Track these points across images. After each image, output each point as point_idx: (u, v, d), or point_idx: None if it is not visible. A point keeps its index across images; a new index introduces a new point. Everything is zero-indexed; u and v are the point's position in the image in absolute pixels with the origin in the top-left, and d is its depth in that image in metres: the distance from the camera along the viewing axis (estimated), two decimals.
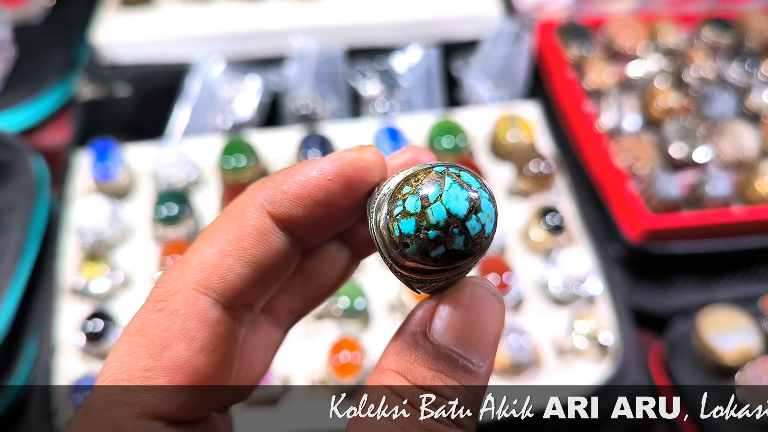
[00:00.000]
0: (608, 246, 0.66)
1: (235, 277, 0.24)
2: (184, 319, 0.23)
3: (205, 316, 0.23)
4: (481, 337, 0.23)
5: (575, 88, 0.75)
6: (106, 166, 0.65)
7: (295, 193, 0.24)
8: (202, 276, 0.23)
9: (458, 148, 0.68)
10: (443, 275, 0.23)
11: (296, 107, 0.74)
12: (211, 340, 0.23)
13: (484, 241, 0.22)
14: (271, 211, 0.24)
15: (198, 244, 0.24)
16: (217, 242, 0.24)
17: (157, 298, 0.23)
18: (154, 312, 0.23)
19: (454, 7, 0.81)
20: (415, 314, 0.23)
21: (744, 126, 0.73)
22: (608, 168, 0.68)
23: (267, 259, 0.24)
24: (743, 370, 0.57)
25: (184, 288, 0.23)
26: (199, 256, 0.24)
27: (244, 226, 0.24)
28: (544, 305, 0.61)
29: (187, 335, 0.22)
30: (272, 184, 0.25)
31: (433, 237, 0.21)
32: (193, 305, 0.23)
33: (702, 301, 0.63)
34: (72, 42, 0.81)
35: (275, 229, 0.24)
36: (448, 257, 0.21)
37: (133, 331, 0.23)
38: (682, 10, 0.87)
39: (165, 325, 0.22)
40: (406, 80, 0.76)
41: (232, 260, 0.24)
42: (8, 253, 0.59)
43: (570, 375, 0.57)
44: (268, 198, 0.24)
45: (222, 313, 0.24)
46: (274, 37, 0.77)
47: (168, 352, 0.22)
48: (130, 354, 0.22)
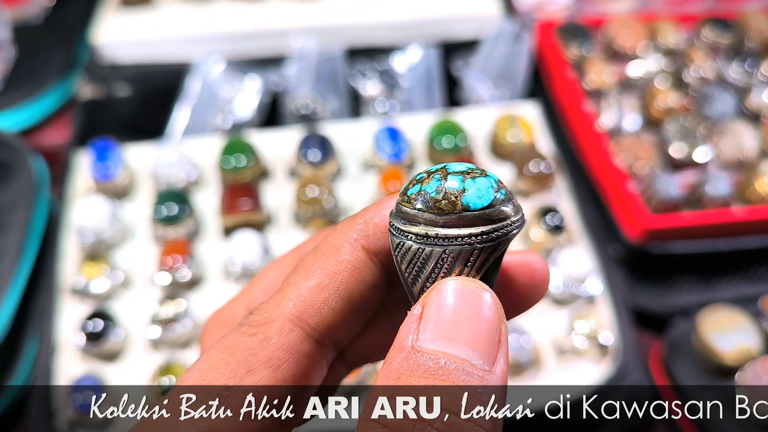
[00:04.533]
0: (608, 246, 0.66)
1: (330, 311, 0.24)
2: (274, 347, 0.23)
3: (295, 348, 0.23)
4: (477, 334, 0.21)
5: (575, 88, 0.75)
6: (106, 166, 0.65)
7: (386, 225, 0.25)
8: (299, 308, 0.24)
9: (458, 148, 0.68)
10: (428, 246, 0.23)
11: (296, 107, 0.74)
12: (295, 372, 0.23)
13: (459, 203, 0.23)
14: (365, 245, 0.25)
15: (294, 277, 0.25)
16: (314, 276, 0.24)
17: (253, 323, 0.24)
18: (247, 336, 0.23)
19: (454, 7, 0.81)
20: (401, 331, 0.22)
21: (744, 126, 0.73)
22: (608, 168, 0.68)
23: (360, 293, 0.25)
24: (743, 370, 0.57)
25: (280, 318, 0.23)
26: (296, 289, 0.24)
27: (340, 261, 0.25)
28: (544, 305, 0.61)
29: (273, 364, 0.23)
30: (363, 219, 0.25)
31: (418, 177, 0.24)
32: (287, 336, 0.23)
33: (702, 301, 0.63)
34: (72, 42, 0.81)
35: (369, 263, 0.25)
36: (420, 197, 0.23)
37: (225, 348, 0.23)
38: (682, 10, 0.87)
39: (255, 349, 0.23)
40: (406, 80, 0.76)
41: (328, 294, 0.24)
42: (8, 253, 0.59)
43: (570, 375, 0.57)
44: (361, 233, 0.25)
45: (312, 347, 0.24)
46: (274, 37, 0.77)
47: (251, 376, 0.22)
48: (215, 369, 0.22)
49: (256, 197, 0.63)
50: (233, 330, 0.24)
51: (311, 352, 0.24)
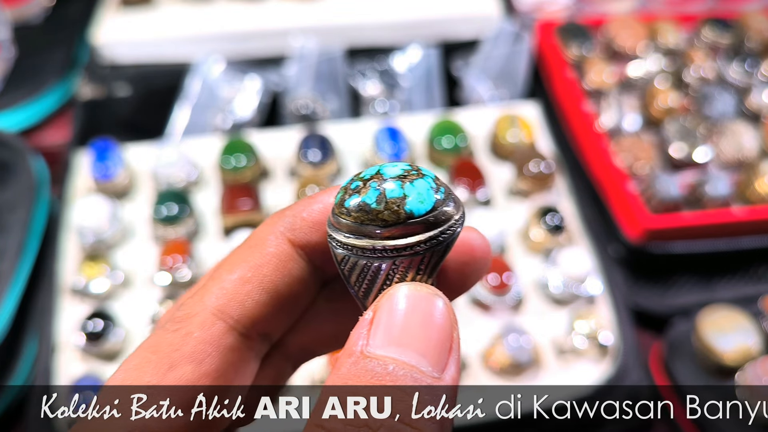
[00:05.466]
0: (608, 246, 0.66)
1: (253, 303, 0.24)
2: (196, 341, 0.23)
3: (218, 341, 0.23)
4: (428, 341, 0.20)
5: (575, 88, 0.75)
6: (106, 166, 0.65)
7: (314, 219, 0.25)
8: (221, 301, 0.23)
9: (458, 148, 0.68)
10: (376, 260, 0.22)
11: (296, 107, 0.74)
12: (220, 365, 0.23)
13: (402, 212, 0.22)
14: (291, 238, 0.25)
15: (218, 270, 0.25)
16: (238, 269, 0.24)
17: (176, 319, 0.23)
18: (170, 332, 0.23)
19: (454, 7, 0.81)
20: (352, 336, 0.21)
21: (744, 126, 0.73)
22: (608, 168, 0.68)
23: (286, 286, 0.25)
24: (743, 370, 0.57)
25: (202, 312, 0.23)
26: (218, 282, 0.24)
27: (265, 253, 0.24)
28: (544, 305, 0.61)
29: (195, 358, 0.23)
30: (291, 212, 0.25)
31: (354, 187, 0.23)
32: (208, 329, 0.23)
33: (702, 301, 0.63)
34: (72, 42, 0.81)
35: (295, 256, 0.25)
36: (360, 209, 0.22)
37: (147, 346, 0.23)
38: (682, 10, 0.87)
39: (177, 344, 0.23)
40: (406, 80, 0.76)
41: (251, 287, 0.24)
42: (8, 253, 0.59)
43: (570, 375, 0.57)
44: (287, 225, 0.25)
45: (237, 340, 0.24)
46: (274, 37, 0.77)
47: (173, 372, 0.22)
48: (138, 368, 0.22)
49: (256, 197, 0.63)
50: (158, 327, 0.24)
51: (236, 345, 0.24)
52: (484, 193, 0.65)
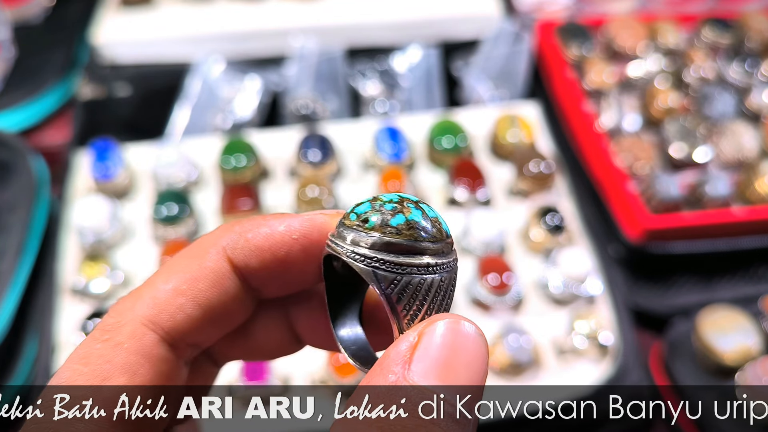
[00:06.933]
0: (608, 246, 0.66)
1: (184, 317, 0.23)
2: (128, 353, 0.22)
3: (149, 352, 0.23)
4: (470, 382, 0.21)
5: (575, 88, 0.75)
6: (106, 166, 0.65)
7: (257, 244, 0.24)
8: (153, 311, 0.23)
9: (458, 148, 0.68)
10: (418, 275, 0.22)
11: (296, 107, 0.74)
12: (153, 377, 0.23)
13: (443, 230, 0.23)
14: (231, 256, 0.24)
15: (154, 278, 0.24)
16: (173, 279, 0.24)
17: (106, 327, 0.23)
18: (100, 342, 0.22)
19: (454, 7, 0.81)
20: (391, 353, 0.21)
21: (744, 126, 0.73)
22: (608, 168, 0.68)
23: (220, 303, 0.24)
24: (743, 370, 0.57)
25: (132, 321, 0.23)
26: (152, 290, 0.24)
27: (203, 267, 0.24)
28: (544, 305, 0.61)
29: (128, 369, 0.22)
30: (239, 229, 0.25)
31: (389, 208, 0.23)
32: (139, 340, 0.23)
33: (702, 301, 0.63)
34: (72, 42, 0.81)
35: (232, 275, 0.24)
36: (411, 227, 0.23)
37: (77, 358, 0.22)
38: (682, 10, 0.87)
39: (108, 356, 0.22)
40: (406, 80, 0.76)
41: (185, 300, 0.23)
42: (8, 253, 0.59)
43: (570, 375, 0.57)
44: (230, 243, 0.24)
45: (167, 351, 0.23)
46: (274, 37, 0.77)
47: (107, 384, 0.22)
48: (71, 381, 0.22)
49: (256, 197, 0.63)
50: (87, 336, 0.23)
51: (167, 356, 0.23)
52: (484, 193, 0.65)
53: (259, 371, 0.53)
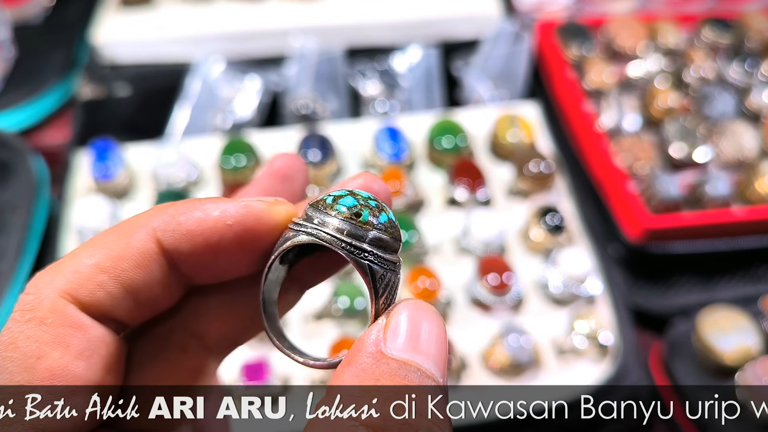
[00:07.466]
0: (608, 246, 0.66)
1: (105, 294, 0.23)
2: (54, 326, 0.22)
3: (76, 321, 0.22)
4: (440, 351, 0.22)
5: (575, 88, 0.75)
6: (106, 166, 0.65)
7: (188, 228, 0.23)
8: (72, 285, 0.22)
9: (458, 148, 0.68)
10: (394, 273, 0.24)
11: (296, 107, 0.74)
12: (87, 344, 0.22)
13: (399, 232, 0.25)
14: (161, 238, 0.23)
15: (78, 250, 0.23)
16: (97, 255, 0.23)
17: (25, 307, 0.22)
18: (23, 323, 0.22)
19: (454, 7, 0.81)
20: (365, 337, 0.22)
21: (744, 126, 0.73)
22: (608, 168, 0.68)
23: (144, 285, 0.23)
24: (743, 370, 0.57)
25: (51, 295, 0.22)
26: (74, 264, 0.23)
27: (129, 246, 0.23)
28: (544, 305, 0.61)
29: (61, 342, 0.22)
30: (172, 211, 0.24)
31: (374, 205, 0.24)
32: (62, 313, 0.22)
33: (702, 301, 0.63)
34: (72, 42, 0.81)
35: (159, 258, 0.23)
36: (392, 225, 0.24)
37: (4, 346, 0.21)
38: (682, 10, 0.87)
39: (36, 335, 0.21)
40: (406, 80, 0.76)
41: (106, 277, 0.23)
42: (8, 253, 0.59)
43: (570, 375, 0.57)
44: (161, 225, 0.23)
45: (92, 321, 0.23)
46: (274, 37, 0.77)
47: (43, 362, 0.21)
48: (4, 371, 0.21)
49: None
50: (9, 320, 0.22)
51: (93, 324, 0.23)
52: (484, 193, 0.65)
53: (259, 371, 0.53)
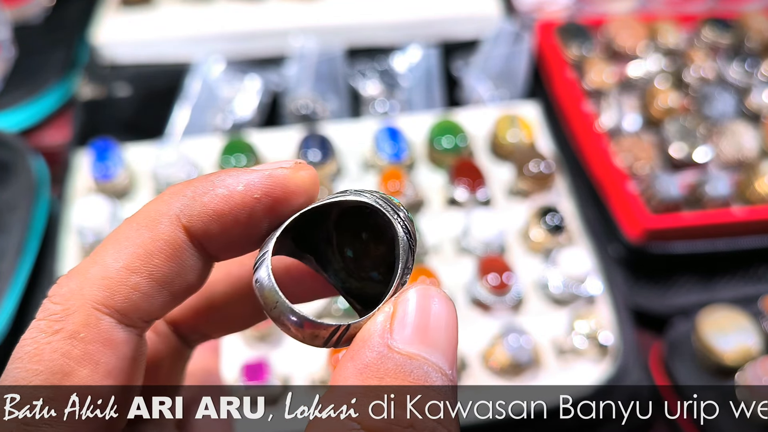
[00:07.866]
0: (608, 246, 0.66)
1: (141, 296, 0.21)
2: (85, 342, 0.20)
3: (109, 338, 0.21)
4: (450, 343, 0.21)
5: (575, 88, 0.75)
6: (106, 166, 0.65)
7: (214, 209, 0.22)
8: (105, 293, 0.21)
9: (458, 148, 0.68)
10: None
11: (296, 107, 0.74)
12: (117, 362, 0.21)
13: None
14: (187, 225, 0.22)
15: (101, 254, 0.22)
16: (124, 255, 0.21)
17: (53, 317, 0.21)
18: (50, 334, 0.20)
19: (454, 7, 0.81)
20: (370, 326, 0.21)
21: (744, 126, 0.73)
22: (608, 168, 0.68)
23: (178, 276, 0.22)
24: (743, 370, 0.57)
25: (83, 307, 0.21)
26: (102, 269, 0.21)
27: (156, 239, 0.22)
28: (544, 305, 0.61)
29: (90, 360, 0.20)
30: (192, 193, 0.22)
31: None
32: (95, 327, 0.20)
33: (702, 301, 0.63)
34: (72, 42, 0.81)
35: (189, 246, 0.22)
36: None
37: (28, 357, 0.20)
38: (682, 10, 0.87)
39: (64, 349, 0.20)
40: (406, 80, 0.76)
41: (139, 278, 0.21)
42: (8, 253, 0.59)
43: (570, 375, 0.57)
44: (184, 210, 0.22)
45: (126, 332, 0.21)
46: (274, 37, 0.77)
47: (70, 379, 0.20)
48: (26, 383, 0.20)
49: None
50: (32, 328, 0.21)
51: (128, 338, 0.21)
52: (484, 193, 0.65)
53: (259, 371, 0.53)
